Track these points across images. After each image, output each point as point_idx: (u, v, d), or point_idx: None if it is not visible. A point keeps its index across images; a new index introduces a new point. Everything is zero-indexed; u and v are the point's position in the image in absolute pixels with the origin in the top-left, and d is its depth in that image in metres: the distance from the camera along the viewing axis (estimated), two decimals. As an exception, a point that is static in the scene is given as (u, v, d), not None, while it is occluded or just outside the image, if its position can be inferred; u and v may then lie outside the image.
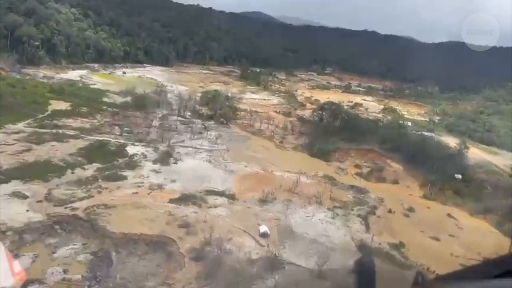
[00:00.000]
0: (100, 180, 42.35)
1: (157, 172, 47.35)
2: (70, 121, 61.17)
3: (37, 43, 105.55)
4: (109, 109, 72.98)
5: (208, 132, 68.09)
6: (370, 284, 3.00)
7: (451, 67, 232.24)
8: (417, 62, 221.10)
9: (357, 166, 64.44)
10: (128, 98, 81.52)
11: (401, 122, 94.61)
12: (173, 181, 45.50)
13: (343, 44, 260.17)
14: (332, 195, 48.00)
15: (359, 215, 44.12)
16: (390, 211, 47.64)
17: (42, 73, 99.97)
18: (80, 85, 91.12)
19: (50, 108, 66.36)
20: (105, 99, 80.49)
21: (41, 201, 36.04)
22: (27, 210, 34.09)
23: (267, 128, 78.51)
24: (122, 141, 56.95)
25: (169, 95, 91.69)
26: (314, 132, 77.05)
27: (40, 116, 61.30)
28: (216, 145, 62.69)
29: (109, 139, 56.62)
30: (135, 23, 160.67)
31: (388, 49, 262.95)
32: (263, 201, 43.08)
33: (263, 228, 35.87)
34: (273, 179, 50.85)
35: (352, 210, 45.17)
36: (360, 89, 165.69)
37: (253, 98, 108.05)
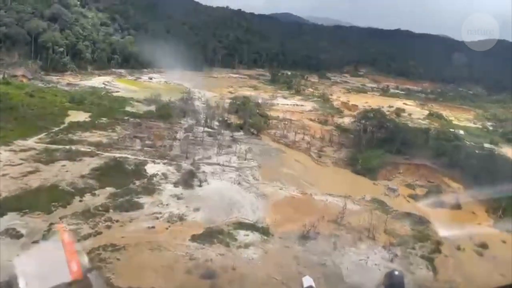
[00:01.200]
0: (111, 210, 36.02)
1: (178, 198, 40.64)
2: (86, 135, 55.62)
3: (61, 49, 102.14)
4: (131, 119, 67.37)
5: (237, 146, 61.06)
6: None
7: (495, 67, 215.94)
8: (456, 62, 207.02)
9: (409, 185, 55.66)
10: (152, 107, 75.75)
11: (451, 130, 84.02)
12: (197, 209, 38.71)
13: (376, 44, 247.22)
14: (386, 227, 39.81)
15: (422, 256, 35.81)
16: (459, 248, 39.02)
17: (66, 80, 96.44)
18: (103, 93, 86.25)
19: (67, 120, 61.27)
20: (127, 108, 74.98)
21: (37, 241, 29.92)
22: (18, 255, 27.94)
23: (302, 139, 70.68)
24: (142, 158, 50.78)
25: (196, 103, 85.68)
26: (355, 143, 68.67)
27: (55, 129, 56.10)
28: (245, 161, 55.60)
29: (127, 155, 50.50)
30: (163, 27, 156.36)
31: (424, 48, 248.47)
32: (304, 237, 35.54)
33: (308, 281, 27.66)
34: (313, 206, 43.24)
35: (414, 248, 36.86)
36: (399, 92, 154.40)
37: (285, 104, 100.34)
